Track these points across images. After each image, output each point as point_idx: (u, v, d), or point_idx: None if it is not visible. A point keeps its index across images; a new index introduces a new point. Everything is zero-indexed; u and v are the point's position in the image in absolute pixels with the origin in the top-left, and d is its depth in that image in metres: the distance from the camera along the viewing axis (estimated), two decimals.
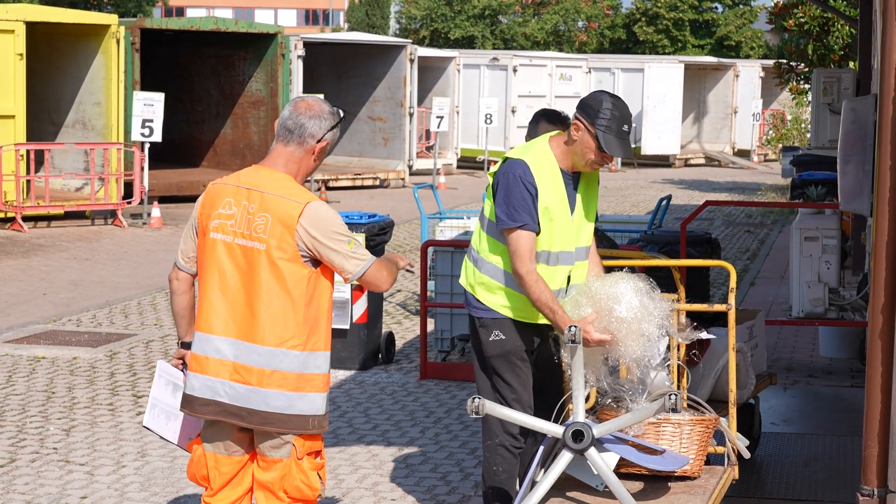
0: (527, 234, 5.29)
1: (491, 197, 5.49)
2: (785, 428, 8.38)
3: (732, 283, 5.69)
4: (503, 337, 5.49)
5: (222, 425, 4.94)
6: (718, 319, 6.57)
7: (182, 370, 5.15)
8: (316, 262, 4.83)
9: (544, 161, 5.40)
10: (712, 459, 5.72)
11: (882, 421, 5.24)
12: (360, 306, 9.87)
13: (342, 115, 5.10)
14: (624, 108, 5.32)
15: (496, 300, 5.49)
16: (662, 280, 9.79)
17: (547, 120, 7.14)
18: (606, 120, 5.27)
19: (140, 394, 9.10)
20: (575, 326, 4.98)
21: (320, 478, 4.95)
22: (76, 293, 13.40)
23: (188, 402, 4.94)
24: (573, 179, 5.49)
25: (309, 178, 17.80)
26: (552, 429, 5.13)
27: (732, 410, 5.60)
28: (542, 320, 5.43)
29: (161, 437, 5.24)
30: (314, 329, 4.84)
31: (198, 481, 5.06)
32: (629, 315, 5.18)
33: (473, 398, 5.04)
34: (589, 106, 5.34)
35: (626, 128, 5.31)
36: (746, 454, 5.61)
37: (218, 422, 4.93)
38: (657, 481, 5.36)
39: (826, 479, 7.26)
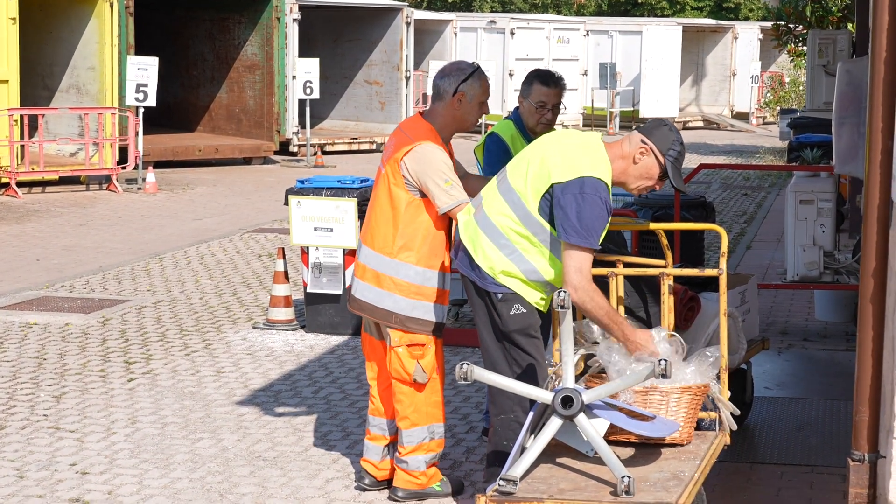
0: (590, 253, 5.31)
1: (535, 195, 5.39)
2: (779, 392, 8.35)
3: (724, 247, 5.60)
4: (524, 311, 5.51)
5: None
6: (710, 284, 6.51)
7: None
8: (423, 192, 5.93)
9: (611, 182, 5.41)
10: (703, 425, 5.68)
11: (873, 386, 5.21)
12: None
13: (476, 66, 6.15)
14: (684, 142, 5.51)
15: (513, 283, 5.50)
16: (654, 244, 9.75)
17: (541, 81, 7.10)
18: (676, 153, 5.44)
19: (132, 360, 9.07)
20: (564, 292, 4.96)
21: (423, 369, 6.04)
22: (69, 259, 13.36)
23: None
24: None
25: (308, 141, 17.24)
26: (542, 395, 5.10)
27: (724, 376, 5.54)
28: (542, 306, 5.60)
29: None
30: (407, 245, 5.96)
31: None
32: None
33: (462, 364, 5.02)
34: (661, 136, 5.45)
35: (683, 160, 5.52)
36: (734, 426, 5.55)
37: None
38: (648, 448, 5.32)
39: (819, 443, 7.23)
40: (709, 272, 5.65)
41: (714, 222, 10.18)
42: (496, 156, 6.91)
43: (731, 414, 5.55)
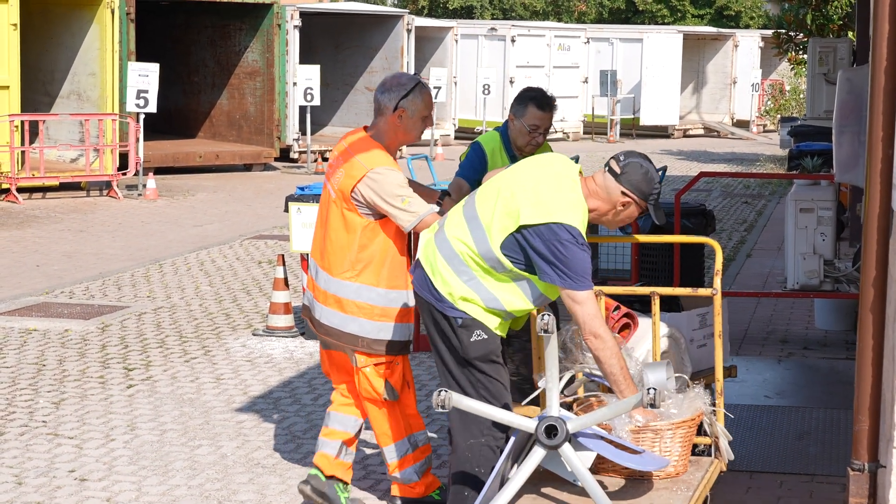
0: (593, 293, 5.11)
1: (501, 231, 5.12)
2: (779, 401, 8.34)
3: (718, 264, 5.34)
4: (485, 337, 5.23)
5: None
6: (666, 304, 6.04)
7: None
8: (379, 214, 5.84)
9: (585, 221, 5.18)
10: (698, 450, 5.44)
11: (873, 395, 5.20)
12: None
13: (418, 80, 6.00)
14: (658, 177, 5.30)
15: (472, 309, 5.24)
16: (653, 256, 9.72)
17: (536, 105, 6.85)
18: (656, 195, 5.23)
19: (131, 366, 9.07)
20: (548, 314, 4.74)
21: (392, 386, 6.01)
22: (69, 265, 13.36)
23: (303, 306, 6.27)
24: None
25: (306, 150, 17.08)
26: (524, 423, 4.85)
27: (719, 401, 5.32)
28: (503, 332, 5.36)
29: None
30: (367, 268, 5.88)
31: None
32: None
33: (440, 391, 4.78)
34: (641, 182, 5.16)
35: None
36: (731, 455, 5.34)
37: None
38: (636, 477, 5.08)
39: (819, 452, 7.22)
40: (702, 292, 5.40)
41: (714, 230, 10.17)
42: (469, 162, 6.86)
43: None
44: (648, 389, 4.58)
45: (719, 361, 5.36)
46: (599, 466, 4.99)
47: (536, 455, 4.76)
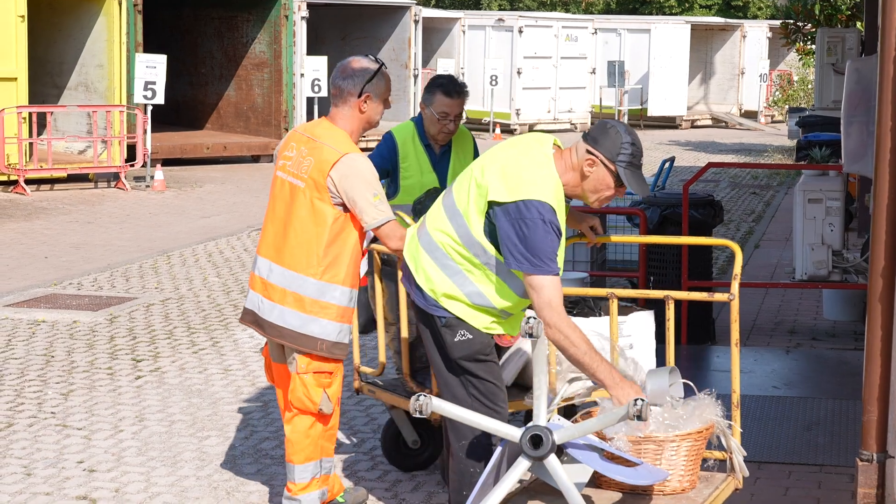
0: (556, 279, 4.75)
1: (479, 214, 4.89)
2: (787, 391, 8.34)
3: (737, 268, 4.92)
4: (470, 337, 5.00)
5: None
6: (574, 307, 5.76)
7: None
8: (346, 207, 5.52)
9: (562, 199, 4.90)
10: (707, 465, 5.07)
11: (881, 385, 5.20)
12: (361, 270, 9.80)
13: (379, 62, 5.78)
14: (638, 140, 4.93)
15: (456, 308, 5.04)
16: (661, 254, 9.67)
17: (443, 92, 6.89)
18: (628, 156, 4.83)
19: (139, 358, 9.08)
20: (534, 318, 4.42)
21: (329, 398, 5.63)
22: (78, 256, 13.38)
23: (243, 311, 5.87)
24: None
25: None
26: (509, 432, 4.56)
27: (736, 413, 4.96)
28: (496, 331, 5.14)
29: None
30: (334, 264, 5.54)
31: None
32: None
33: (417, 396, 4.48)
34: (608, 140, 4.84)
35: (641, 161, 4.93)
36: (746, 472, 4.98)
37: None
38: (639, 492, 4.75)
39: (827, 443, 7.21)
40: (718, 297, 5.09)
41: (722, 221, 10.15)
42: (378, 151, 6.92)
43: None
44: (636, 400, 4.26)
45: (736, 371, 4.98)
46: (601, 479, 4.75)
47: (521, 466, 4.51)
